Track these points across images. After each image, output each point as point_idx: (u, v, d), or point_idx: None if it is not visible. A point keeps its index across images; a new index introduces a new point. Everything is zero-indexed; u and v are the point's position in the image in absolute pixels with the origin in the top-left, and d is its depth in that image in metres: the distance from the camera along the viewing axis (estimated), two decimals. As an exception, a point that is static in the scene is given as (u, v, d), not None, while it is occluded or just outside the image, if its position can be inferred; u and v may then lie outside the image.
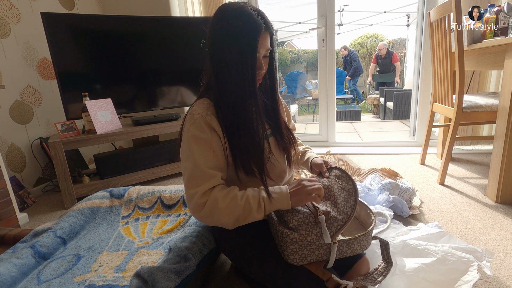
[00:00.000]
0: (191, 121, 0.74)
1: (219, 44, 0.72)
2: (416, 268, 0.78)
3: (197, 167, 0.71)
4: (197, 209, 0.70)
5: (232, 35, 0.70)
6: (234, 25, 0.70)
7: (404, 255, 0.87)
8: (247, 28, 0.69)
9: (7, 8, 1.77)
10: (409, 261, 0.82)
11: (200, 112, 0.74)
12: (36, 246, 1.02)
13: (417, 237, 0.92)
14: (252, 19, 0.70)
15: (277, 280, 0.74)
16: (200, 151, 0.72)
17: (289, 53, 9.25)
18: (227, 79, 0.73)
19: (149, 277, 0.74)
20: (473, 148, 2.18)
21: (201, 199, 0.69)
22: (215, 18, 0.73)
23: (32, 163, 1.89)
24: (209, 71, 0.77)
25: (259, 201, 0.71)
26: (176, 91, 2.14)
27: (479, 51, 1.52)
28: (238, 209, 0.69)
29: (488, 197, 1.42)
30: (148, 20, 1.96)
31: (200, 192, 0.70)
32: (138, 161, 1.96)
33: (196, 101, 0.80)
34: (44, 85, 1.99)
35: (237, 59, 0.71)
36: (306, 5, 7.14)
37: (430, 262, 0.79)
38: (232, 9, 0.72)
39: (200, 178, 0.71)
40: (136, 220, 1.29)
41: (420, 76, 2.29)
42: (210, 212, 0.69)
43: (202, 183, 0.70)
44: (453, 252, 0.80)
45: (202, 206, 0.69)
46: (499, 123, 1.33)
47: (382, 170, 1.72)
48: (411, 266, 0.80)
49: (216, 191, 0.71)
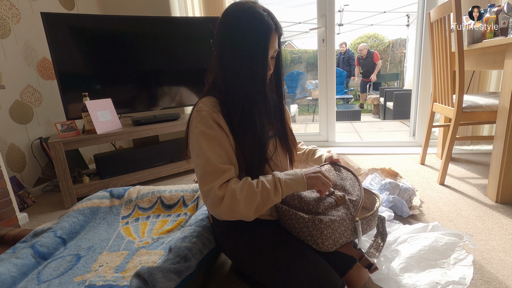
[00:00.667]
0: (198, 118, 0.73)
1: (229, 44, 0.72)
2: (418, 250, 0.95)
3: (209, 163, 0.70)
4: (216, 204, 0.69)
5: (243, 35, 0.70)
6: (246, 26, 0.70)
7: (403, 243, 1.02)
8: (259, 29, 0.70)
9: (7, 8, 1.77)
10: (410, 247, 0.98)
11: (207, 109, 0.73)
12: (36, 246, 1.02)
13: (409, 231, 1.08)
14: (263, 20, 0.70)
15: (277, 281, 0.74)
16: (211, 147, 0.71)
17: (289, 53, 9.25)
18: (236, 78, 0.73)
19: (149, 277, 0.74)
20: (473, 148, 2.18)
21: (219, 193, 0.69)
22: (226, 18, 0.73)
23: (32, 163, 1.89)
24: (216, 69, 0.77)
25: (275, 183, 0.71)
26: (176, 91, 2.14)
27: (479, 51, 1.52)
28: (257, 197, 0.69)
29: (488, 197, 1.42)
30: (148, 20, 1.96)
31: (216, 187, 0.69)
32: (138, 161, 1.96)
33: (201, 98, 0.79)
34: (44, 85, 1.99)
35: (248, 60, 0.71)
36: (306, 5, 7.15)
37: (427, 244, 0.97)
38: (243, 9, 0.72)
39: (213, 174, 0.70)
40: (136, 220, 1.29)
41: (420, 76, 2.29)
42: (230, 205, 0.68)
43: (217, 178, 0.70)
44: (442, 236, 1.00)
45: (221, 200, 0.69)
46: (499, 123, 1.33)
47: (382, 170, 1.72)
48: (413, 250, 0.95)
49: (232, 184, 0.70)
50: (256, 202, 0.69)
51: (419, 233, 1.05)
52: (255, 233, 0.82)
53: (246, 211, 0.69)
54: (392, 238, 1.04)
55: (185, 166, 2.08)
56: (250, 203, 0.69)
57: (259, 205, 0.70)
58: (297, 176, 0.73)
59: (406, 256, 0.93)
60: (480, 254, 1.01)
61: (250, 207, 0.69)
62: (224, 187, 0.70)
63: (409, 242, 1.00)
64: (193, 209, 1.29)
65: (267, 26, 0.70)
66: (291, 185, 0.72)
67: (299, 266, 0.71)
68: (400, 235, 1.05)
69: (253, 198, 0.69)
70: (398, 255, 0.95)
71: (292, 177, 0.73)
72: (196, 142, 0.73)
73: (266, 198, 0.70)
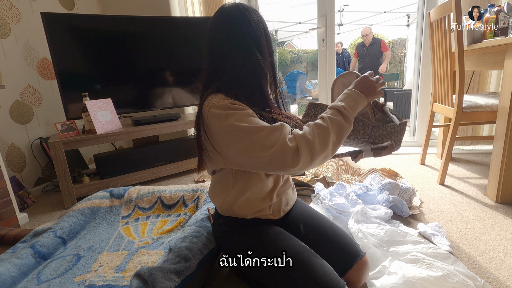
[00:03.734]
0: (221, 108, 0.69)
1: (238, 44, 0.74)
2: (422, 278, 0.82)
3: (263, 129, 0.66)
4: (295, 158, 0.64)
5: (248, 33, 0.74)
6: (248, 22, 0.74)
7: (411, 262, 0.91)
8: (260, 22, 0.75)
9: (7, 8, 1.77)
10: (415, 270, 0.86)
11: (220, 100, 0.71)
12: (36, 246, 1.02)
13: (425, 252, 0.95)
14: (257, 13, 0.76)
15: (277, 281, 0.74)
16: (251, 121, 0.68)
17: (289, 53, 9.25)
18: (247, 72, 0.75)
19: (149, 277, 0.74)
20: (473, 148, 2.18)
21: (291, 145, 0.64)
22: (221, 18, 0.76)
23: (32, 163, 1.89)
24: (218, 72, 0.77)
25: (340, 111, 0.71)
26: (176, 91, 2.14)
27: (479, 51, 1.52)
28: (329, 131, 0.67)
29: (488, 197, 1.42)
30: (148, 20, 1.96)
31: (284, 141, 0.64)
32: (138, 161, 1.96)
33: (205, 99, 0.75)
34: (44, 85, 1.99)
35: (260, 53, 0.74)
36: (306, 5, 7.13)
37: (435, 275, 0.82)
38: (238, 9, 0.75)
39: (274, 133, 0.66)
40: (136, 220, 1.29)
41: (420, 76, 2.29)
42: (309, 152, 0.65)
43: (280, 134, 0.65)
44: (457, 273, 0.84)
45: (297, 152, 0.64)
46: (499, 123, 1.33)
47: (382, 170, 1.72)
48: (418, 275, 0.83)
49: (295, 132, 0.67)
50: (330, 137, 0.67)
51: (435, 258, 0.92)
52: (255, 233, 0.82)
53: (326, 151, 0.67)
54: (405, 249, 0.96)
55: (185, 166, 2.08)
56: (327, 142, 0.67)
57: (336, 139, 0.69)
58: (352, 96, 0.74)
59: (404, 279, 0.83)
60: (480, 254, 1.01)
61: (328, 146, 0.67)
62: (292, 138, 0.66)
63: (418, 264, 0.90)
64: (193, 209, 1.29)
65: (261, 16, 0.77)
66: (354, 106, 0.73)
67: (299, 266, 0.71)
68: (413, 251, 0.95)
69: (326, 135, 0.67)
70: (398, 272, 0.86)
71: (350, 99, 0.74)
72: (233, 130, 0.67)
73: (341, 129, 0.69)
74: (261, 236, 0.80)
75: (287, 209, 0.92)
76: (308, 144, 0.65)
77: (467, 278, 0.83)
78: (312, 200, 1.43)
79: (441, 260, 0.92)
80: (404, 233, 1.04)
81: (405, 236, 1.03)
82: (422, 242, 1.01)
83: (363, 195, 1.36)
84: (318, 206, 1.31)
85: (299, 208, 0.96)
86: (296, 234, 0.85)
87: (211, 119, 0.71)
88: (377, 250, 0.97)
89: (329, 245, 0.82)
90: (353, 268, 0.79)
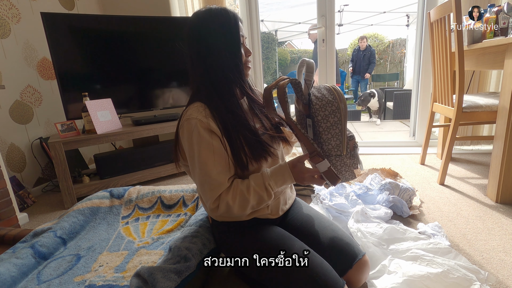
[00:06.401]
0: (188, 126, 0.74)
1: (211, 45, 0.76)
2: (422, 275, 0.81)
3: (205, 174, 0.74)
4: (213, 212, 0.77)
5: (220, 33, 0.76)
6: (220, 24, 0.76)
7: (411, 260, 0.90)
8: (231, 22, 0.76)
9: (7, 8, 1.77)
10: (415, 268, 0.85)
11: (196, 116, 0.74)
12: (36, 246, 1.02)
13: (425, 248, 0.94)
14: (227, 12, 0.77)
15: (276, 281, 0.74)
16: (205, 156, 0.73)
17: (289, 53, 9.26)
18: (220, 72, 0.77)
19: (149, 277, 0.74)
20: (473, 148, 2.18)
21: (214, 205, 0.75)
22: (196, 24, 0.78)
23: (32, 163, 1.89)
24: (198, 73, 0.79)
25: (266, 187, 0.75)
26: (176, 91, 2.14)
27: (479, 51, 1.52)
28: (250, 202, 0.75)
29: (488, 197, 1.42)
30: (148, 20, 1.96)
31: (211, 200, 0.75)
32: (138, 161, 1.96)
33: (188, 105, 0.80)
34: (44, 85, 1.99)
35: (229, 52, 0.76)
36: (306, 5, 7.11)
37: (435, 272, 0.81)
38: (207, 12, 0.77)
39: (208, 185, 0.74)
40: (136, 220, 1.29)
41: (420, 76, 2.29)
42: (226, 212, 0.75)
43: (211, 190, 0.74)
44: (458, 268, 0.82)
45: (217, 209, 0.76)
46: (499, 123, 1.33)
47: (382, 170, 1.72)
48: (417, 272, 0.82)
49: (223, 195, 0.74)
50: (249, 206, 0.75)
51: (434, 254, 0.90)
52: (254, 233, 0.82)
53: (242, 213, 0.77)
54: (405, 247, 0.94)
55: (185, 166, 2.08)
56: (244, 208, 0.75)
57: (254, 206, 0.76)
58: (285, 176, 0.76)
59: (403, 278, 0.81)
60: (480, 254, 1.01)
61: (244, 211, 0.76)
62: (218, 198, 0.75)
63: (418, 261, 0.88)
64: (193, 209, 1.29)
65: (233, 15, 0.77)
66: (281, 183, 0.77)
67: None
68: (413, 248, 0.93)
69: (246, 205, 0.75)
70: (398, 271, 0.85)
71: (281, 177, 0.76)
72: (190, 151, 0.75)
73: (260, 202, 0.76)
74: (260, 236, 0.80)
75: (285, 208, 0.92)
76: (227, 209, 0.75)
77: (469, 272, 0.82)
78: (312, 200, 1.43)
79: (442, 255, 0.91)
80: (404, 230, 1.03)
81: (405, 233, 1.02)
82: (422, 238, 1.00)
83: (363, 195, 1.36)
84: (318, 206, 1.31)
85: (298, 208, 0.96)
86: (295, 234, 0.85)
87: (181, 129, 0.77)
88: (377, 249, 0.97)
89: (329, 245, 0.82)
90: (353, 268, 0.79)
